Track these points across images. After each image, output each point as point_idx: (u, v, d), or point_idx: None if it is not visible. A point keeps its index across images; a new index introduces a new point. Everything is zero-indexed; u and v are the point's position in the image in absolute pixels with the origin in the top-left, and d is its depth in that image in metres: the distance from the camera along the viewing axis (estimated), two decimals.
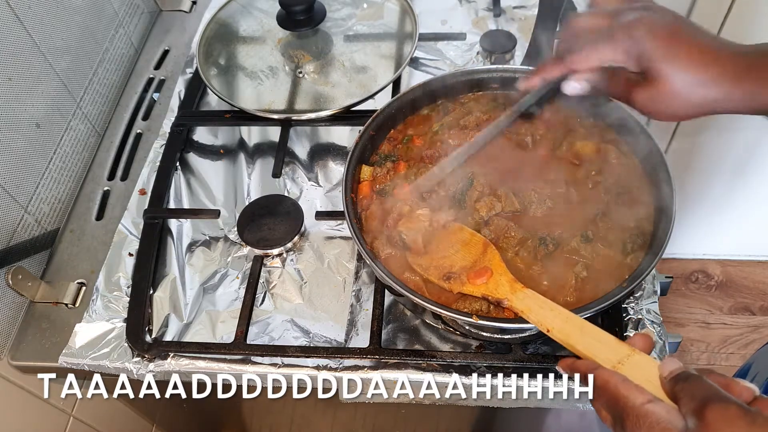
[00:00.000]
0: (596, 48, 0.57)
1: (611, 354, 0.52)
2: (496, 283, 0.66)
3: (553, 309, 0.60)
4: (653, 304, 0.75)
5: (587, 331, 0.56)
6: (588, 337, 0.56)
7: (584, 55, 0.58)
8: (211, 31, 1.05)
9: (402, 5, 1.05)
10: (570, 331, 0.57)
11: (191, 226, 0.89)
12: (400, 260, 0.72)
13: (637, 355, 0.51)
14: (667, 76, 0.54)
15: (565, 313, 0.59)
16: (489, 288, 0.65)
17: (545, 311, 0.61)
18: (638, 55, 0.55)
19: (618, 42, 0.56)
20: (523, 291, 0.64)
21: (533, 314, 0.61)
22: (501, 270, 0.67)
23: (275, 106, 0.96)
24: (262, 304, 0.81)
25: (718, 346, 1.85)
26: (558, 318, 0.59)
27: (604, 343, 0.54)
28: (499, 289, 0.65)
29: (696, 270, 1.97)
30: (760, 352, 0.83)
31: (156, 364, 0.76)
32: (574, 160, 0.77)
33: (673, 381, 0.46)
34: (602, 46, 0.57)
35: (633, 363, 0.50)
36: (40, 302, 0.85)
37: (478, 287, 0.66)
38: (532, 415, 0.89)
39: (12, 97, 0.85)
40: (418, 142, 0.82)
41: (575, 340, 0.56)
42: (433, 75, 0.90)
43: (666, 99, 0.55)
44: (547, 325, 0.59)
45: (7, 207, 0.84)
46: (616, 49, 0.56)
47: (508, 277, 0.66)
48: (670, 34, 0.54)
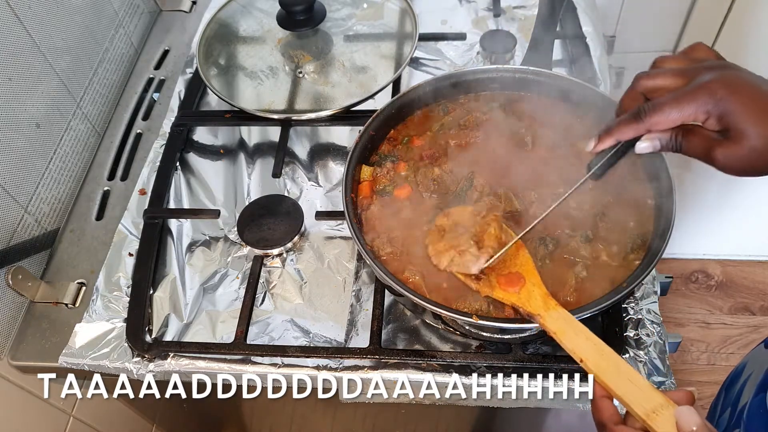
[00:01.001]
0: (678, 108, 0.56)
1: (645, 401, 0.50)
2: (528, 294, 0.63)
3: (589, 338, 0.58)
4: (653, 304, 0.75)
5: (623, 370, 0.54)
6: (623, 378, 0.53)
7: (665, 116, 0.57)
8: (211, 31, 1.05)
9: (402, 5, 1.05)
10: (606, 367, 0.55)
11: (191, 226, 0.89)
12: (400, 260, 0.72)
13: (671, 408, 0.49)
14: (752, 136, 0.54)
15: (601, 345, 0.57)
16: (521, 299, 0.63)
17: (580, 339, 0.58)
18: (720, 115, 0.55)
19: (700, 102, 0.55)
20: (557, 310, 0.61)
21: (567, 340, 0.58)
22: (534, 280, 0.64)
23: (275, 106, 0.96)
24: (262, 304, 0.81)
25: (718, 346, 1.85)
26: (593, 350, 0.56)
27: (638, 387, 0.52)
28: (532, 303, 0.62)
29: (696, 270, 1.97)
30: (753, 352, 0.83)
31: (156, 364, 0.76)
32: (575, 160, 0.77)
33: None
34: (685, 106, 0.56)
35: (666, 417, 0.49)
36: (40, 302, 0.85)
37: (509, 295, 0.64)
38: (532, 415, 0.89)
39: (12, 97, 0.85)
40: (418, 142, 0.82)
41: (610, 379, 0.54)
42: (433, 75, 0.90)
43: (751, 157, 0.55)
44: (581, 354, 0.57)
45: (7, 207, 0.84)
46: (699, 109, 0.55)
47: (542, 290, 0.63)
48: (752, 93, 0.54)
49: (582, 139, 0.79)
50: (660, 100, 0.58)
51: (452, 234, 0.69)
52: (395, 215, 0.75)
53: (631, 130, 0.60)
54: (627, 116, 0.60)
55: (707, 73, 0.57)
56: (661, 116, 0.57)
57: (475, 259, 0.67)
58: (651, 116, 0.58)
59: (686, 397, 0.51)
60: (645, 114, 0.59)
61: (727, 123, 0.55)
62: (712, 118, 0.55)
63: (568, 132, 0.80)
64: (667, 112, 0.57)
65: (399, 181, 0.78)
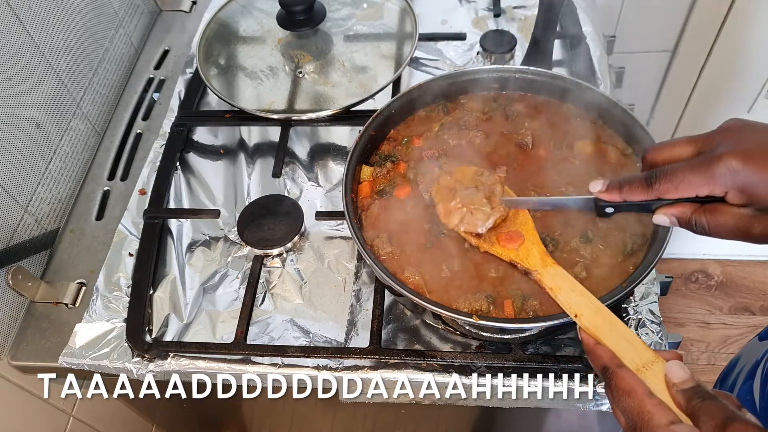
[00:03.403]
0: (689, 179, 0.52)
1: (636, 357, 0.52)
2: (527, 251, 0.64)
3: (584, 295, 0.59)
4: (653, 304, 0.75)
5: (616, 327, 0.55)
6: (616, 333, 0.55)
7: (675, 185, 0.53)
8: (211, 31, 1.05)
9: (402, 5, 1.05)
10: (599, 323, 0.56)
11: (191, 226, 0.89)
12: (400, 260, 0.72)
13: (661, 364, 0.50)
14: None
15: (597, 303, 0.58)
16: (519, 255, 0.64)
17: (576, 295, 0.59)
18: (742, 188, 0.50)
19: (715, 175, 0.51)
20: (554, 267, 0.62)
21: (562, 295, 0.60)
22: (533, 239, 0.65)
23: (275, 106, 0.96)
24: (262, 304, 0.81)
25: (718, 346, 1.85)
26: (588, 306, 0.58)
27: (631, 343, 0.53)
28: (530, 259, 0.64)
29: (696, 270, 1.97)
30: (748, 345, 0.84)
31: (156, 364, 0.76)
32: (574, 160, 0.77)
33: (688, 396, 0.47)
34: (696, 178, 0.52)
35: (655, 371, 0.50)
36: (40, 302, 0.85)
37: (508, 251, 0.65)
38: (532, 415, 0.89)
39: (12, 97, 0.85)
40: (418, 143, 0.82)
41: (603, 334, 0.55)
42: (433, 75, 0.90)
43: None
44: (576, 309, 0.58)
45: (7, 207, 0.84)
46: (713, 182, 0.51)
47: (540, 248, 0.65)
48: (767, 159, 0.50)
49: (581, 138, 0.79)
50: (673, 167, 0.54)
51: (465, 192, 0.69)
52: (395, 215, 0.75)
53: (640, 194, 0.56)
54: (638, 178, 0.56)
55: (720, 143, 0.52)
56: (671, 185, 0.54)
57: (486, 217, 0.67)
58: (661, 183, 0.54)
59: (675, 356, 0.52)
60: (656, 180, 0.55)
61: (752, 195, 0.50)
62: (732, 191, 0.51)
63: (569, 132, 0.80)
64: (678, 182, 0.53)
65: (399, 181, 0.78)
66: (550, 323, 0.63)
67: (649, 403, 0.47)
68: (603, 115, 0.80)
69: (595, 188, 0.60)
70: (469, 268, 0.70)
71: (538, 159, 0.78)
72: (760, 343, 0.80)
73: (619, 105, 0.77)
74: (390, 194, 0.77)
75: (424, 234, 0.73)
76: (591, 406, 0.73)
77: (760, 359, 0.76)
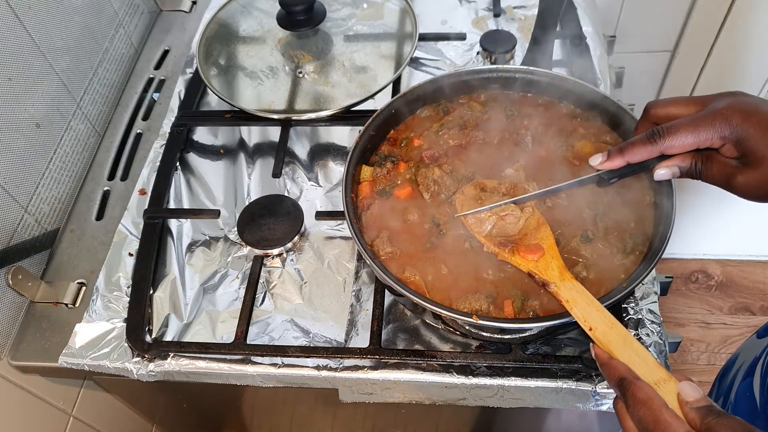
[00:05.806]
0: (694, 132, 0.56)
1: (648, 373, 0.52)
2: (546, 264, 0.66)
3: (600, 310, 0.60)
4: (653, 304, 0.75)
5: (630, 343, 0.56)
6: (629, 349, 0.55)
7: (680, 139, 0.57)
8: (211, 31, 1.05)
9: (402, 5, 1.05)
10: (613, 338, 0.57)
11: (191, 226, 0.89)
12: (400, 260, 0.72)
13: (673, 383, 0.51)
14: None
15: (611, 318, 0.59)
16: (538, 267, 0.66)
17: (591, 309, 0.60)
18: (737, 141, 0.55)
19: (716, 127, 0.55)
20: (571, 281, 0.63)
21: (578, 308, 0.61)
22: (553, 253, 0.67)
23: (275, 106, 0.96)
24: (262, 304, 0.81)
25: (718, 346, 1.85)
26: (603, 321, 0.58)
27: (644, 360, 0.54)
28: (549, 272, 0.65)
29: (696, 270, 1.97)
30: (746, 342, 0.85)
31: (156, 364, 0.76)
32: (574, 160, 0.77)
33: (703, 414, 0.47)
34: (701, 131, 0.56)
35: (668, 389, 0.51)
36: (40, 302, 0.85)
37: (527, 262, 0.66)
38: (531, 415, 0.89)
39: (12, 97, 0.85)
40: (418, 142, 0.82)
41: (616, 349, 0.56)
42: (433, 75, 0.90)
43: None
44: (591, 323, 0.59)
45: (7, 207, 0.84)
46: (715, 134, 0.56)
47: (559, 263, 0.66)
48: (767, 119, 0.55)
49: (581, 138, 0.79)
50: (675, 123, 0.57)
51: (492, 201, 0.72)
52: (395, 215, 0.75)
53: (644, 152, 0.59)
54: (640, 137, 0.59)
55: (721, 99, 0.57)
56: (676, 140, 0.57)
57: (517, 219, 0.70)
58: (665, 139, 0.57)
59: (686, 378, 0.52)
60: (659, 136, 0.58)
61: (744, 149, 0.55)
62: (728, 143, 0.56)
63: (568, 132, 0.80)
64: (682, 136, 0.57)
65: (399, 181, 0.78)
66: (550, 323, 0.63)
67: (666, 413, 0.48)
68: (603, 115, 0.80)
69: (595, 162, 0.64)
70: (469, 268, 0.70)
71: (538, 159, 0.78)
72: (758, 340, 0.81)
73: (619, 105, 0.77)
74: (390, 194, 0.77)
75: (424, 234, 0.73)
76: (591, 406, 0.73)
77: (759, 356, 0.76)
